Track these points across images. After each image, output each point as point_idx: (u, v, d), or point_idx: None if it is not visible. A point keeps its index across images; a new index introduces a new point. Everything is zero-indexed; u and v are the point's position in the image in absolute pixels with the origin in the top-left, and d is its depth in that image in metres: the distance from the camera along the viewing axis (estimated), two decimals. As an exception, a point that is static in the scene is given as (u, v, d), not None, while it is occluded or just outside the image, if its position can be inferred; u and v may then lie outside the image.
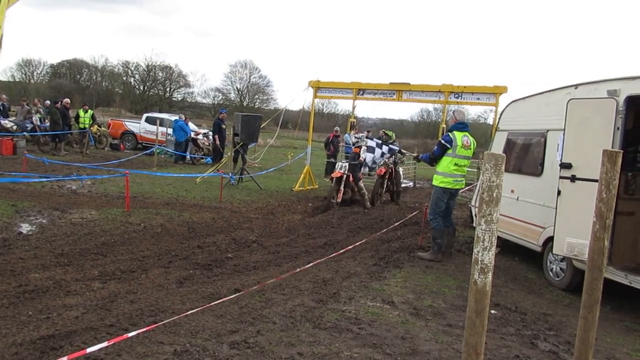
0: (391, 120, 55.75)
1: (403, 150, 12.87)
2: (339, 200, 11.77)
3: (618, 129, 5.85)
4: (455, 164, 7.38)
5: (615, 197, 2.39)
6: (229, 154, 15.47)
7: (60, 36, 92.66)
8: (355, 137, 13.02)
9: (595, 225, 2.27)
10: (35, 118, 18.37)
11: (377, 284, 5.94)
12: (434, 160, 7.60)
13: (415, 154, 10.09)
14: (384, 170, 12.74)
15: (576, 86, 6.67)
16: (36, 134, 17.83)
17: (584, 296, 2.33)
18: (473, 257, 1.84)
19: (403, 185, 15.99)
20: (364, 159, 11.43)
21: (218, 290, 5.51)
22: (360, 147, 12.39)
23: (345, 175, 11.84)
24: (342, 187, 11.85)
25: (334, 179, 12.07)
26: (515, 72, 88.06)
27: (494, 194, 1.79)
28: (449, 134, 7.44)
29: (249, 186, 14.13)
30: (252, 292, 5.33)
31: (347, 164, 11.91)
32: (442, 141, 7.45)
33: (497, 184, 1.79)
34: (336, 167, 12.28)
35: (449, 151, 7.36)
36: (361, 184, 12.32)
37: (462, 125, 7.50)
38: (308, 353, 3.87)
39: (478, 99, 12.96)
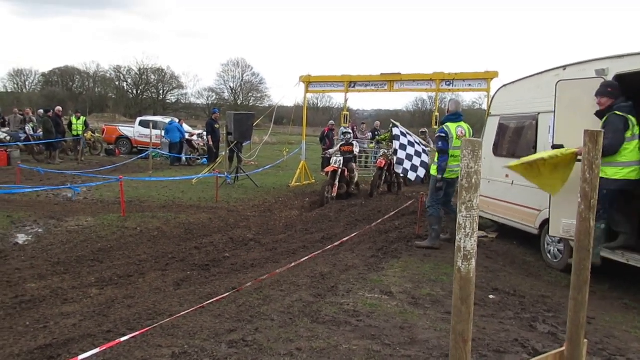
0: (386, 111, 55.49)
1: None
2: (334, 194, 11.75)
3: (607, 108, 5.83)
4: (452, 156, 7.40)
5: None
6: (223, 153, 15.44)
7: (50, 44, 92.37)
8: (345, 131, 12.98)
9: (581, 205, 2.26)
10: (28, 127, 18.33)
11: (375, 275, 5.93)
12: (444, 153, 7.39)
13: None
14: (384, 162, 12.70)
15: (565, 67, 6.65)
16: (30, 143, 17.78)
17: (572, 277, 2.32)
18: (455, 244, 1.83)
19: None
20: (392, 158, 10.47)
21: (216, 290, 5.50)
22: (352, 144, 12.36)
23: (340, 170, 11.82)
24: (337, 182, 11.83)
25: (329, 173, 12.04)
26: (506, 56, 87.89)
27: (473, 180, 1.78)
28: (443, 127, 7.49)
29: (246, 184, 14.12)
30: (249, 290, 5.32)
31: (341, 158, 11.87)
32: (441, 135, 7.45)
33: (476, 170, 1.78)
34: (331, 161, 12.25)
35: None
36: (355, 173, 12.33)
37: (455, 117, 7.52)
38: (307, 348, 3.87)
39: (470, 85, 12.94)
